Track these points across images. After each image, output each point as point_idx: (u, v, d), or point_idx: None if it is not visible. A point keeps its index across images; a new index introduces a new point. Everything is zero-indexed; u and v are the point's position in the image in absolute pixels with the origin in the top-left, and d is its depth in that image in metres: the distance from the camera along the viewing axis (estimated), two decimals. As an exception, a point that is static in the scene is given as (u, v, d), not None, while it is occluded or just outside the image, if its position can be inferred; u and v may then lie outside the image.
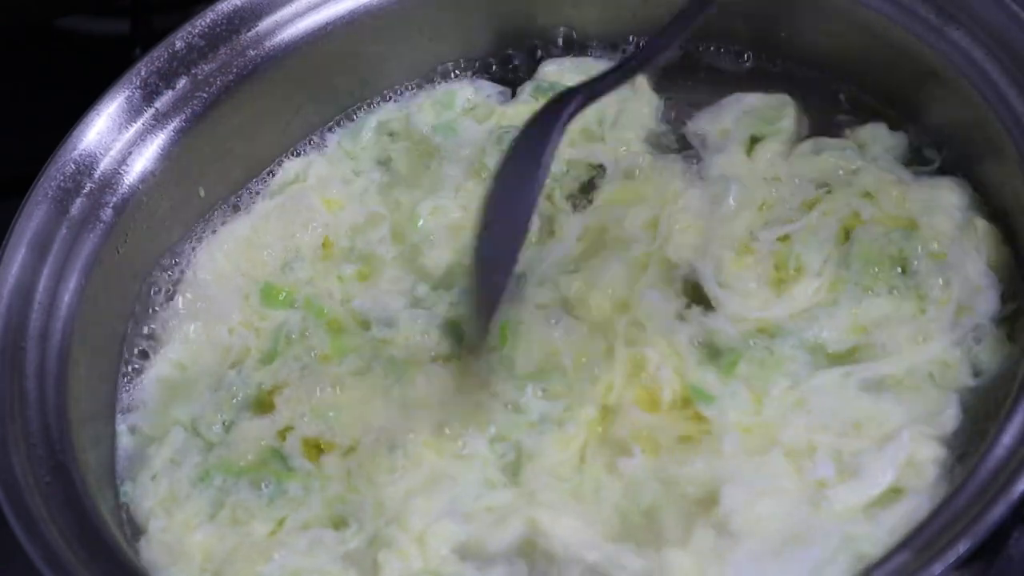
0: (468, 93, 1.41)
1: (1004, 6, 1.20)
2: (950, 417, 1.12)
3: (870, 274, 1.19)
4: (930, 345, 1.15)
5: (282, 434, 1.21)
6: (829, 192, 1.25)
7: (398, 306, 1.28)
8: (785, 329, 1.18)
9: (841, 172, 1.26)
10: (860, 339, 1.17)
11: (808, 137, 1.31)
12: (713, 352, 1.19)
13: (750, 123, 1.32)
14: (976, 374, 1.14)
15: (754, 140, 1.31)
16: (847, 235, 1.22)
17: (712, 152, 1.31)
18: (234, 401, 1.24)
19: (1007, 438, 1.03)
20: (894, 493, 1.09)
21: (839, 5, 1.29)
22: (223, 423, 1.23)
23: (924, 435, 1.11)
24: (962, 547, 0.97)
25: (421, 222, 1.31)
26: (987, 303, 1.16)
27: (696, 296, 1.23)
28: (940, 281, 1.17)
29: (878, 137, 1.28)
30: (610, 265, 1.25)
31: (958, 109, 1.22)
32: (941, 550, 0.97)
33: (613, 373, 1.18)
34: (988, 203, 1.22)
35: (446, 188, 1.34)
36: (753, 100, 1.33)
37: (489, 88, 1.42)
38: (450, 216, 1.32)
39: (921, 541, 1.00)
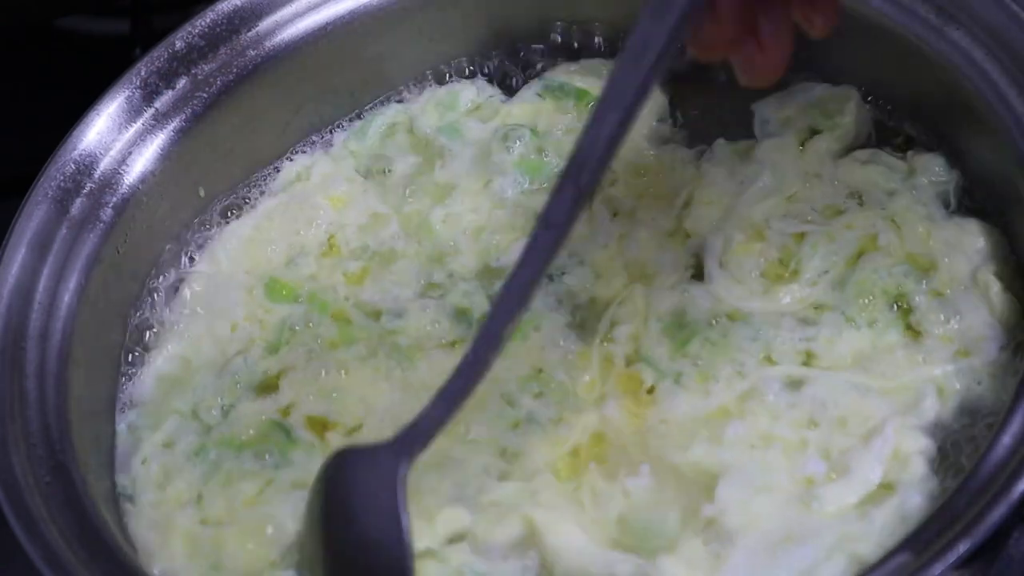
0: (471, 94, 1.41)
1: (1004, 6, 1.20)
2: (930, 407, 1.12)
3: (858, 305, 1.18)
4: (929, 368, 1.14)
5: (285, 411, 1.22)
6: (860, 204, 1.24)
7: (408, 296, 1.28)
8: (750, 322, 1.18)
9: (877, 190, 1.25)
10: (806, 362, 1.17)
11: (870, 147, 1.30)
12: (678, 325, 1.19)
13: (811, 115, 1.31)
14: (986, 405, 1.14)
15: (813, 132, 1.31)
16: (858, 258, 1.21)
17: (765, 137, 1.31)
18: (237, 386, 1.24)
19: (1007, 438, 1.02)
20: (885, 489, 1.09)
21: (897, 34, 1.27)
22: (222, 407, 1.23)
23: (907, 427, 1.10)
24: (962, 547, 0.97)
25: (436, 230, 1.32)
26: (988, 352, 1.15)
27: (700, 270, 1.24)
28: (942, 317, 1.16)
29: (929, 168, 1.25)
30: (637, 233, 1.26)
31: (991, 152, 1.20)
32: (941, 550, 0.97)
33: (592, 367, 1.19)
34: (1016, 251, 1.20)
35: (454, 193, 1.34)
36: (820, 91, 1.33)
37: (491, 89, 1.42)
38: (464, 221, 1.32)
39: (921, 541, 1.00)
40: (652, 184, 1.31)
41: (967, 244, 1.20)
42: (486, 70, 1.43)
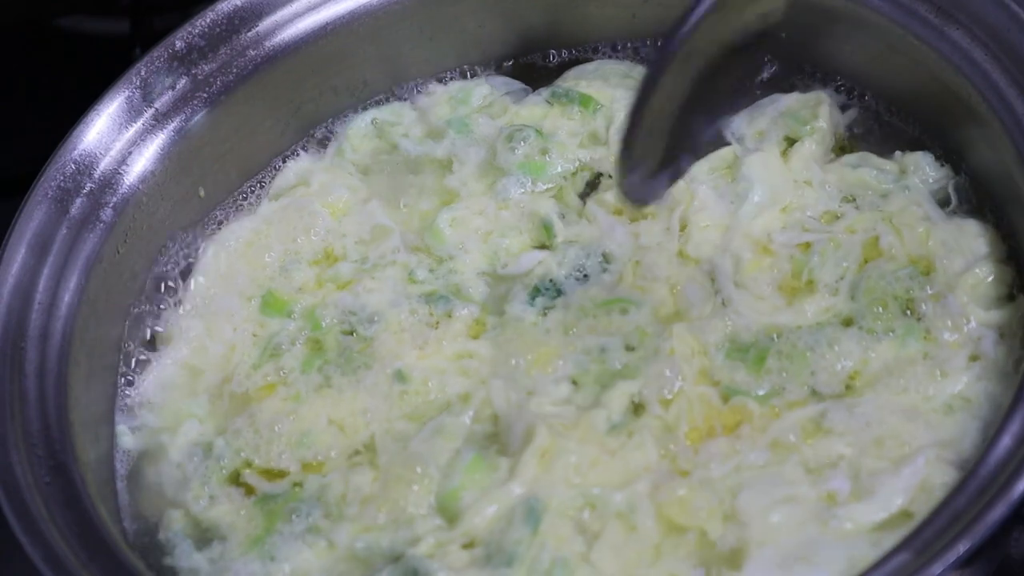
0: (484, 90, 1.41)
1: (1004, 6, 1.20)
2: (971, 443, 1.10)
3: (873, 314, 1.18)
4: (948, 381, 1.14)
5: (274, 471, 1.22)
6: (856, 208, 1.24)
7: (383, 300, 1.28)
8: (803, 331, 1.18)
9: (871, 192, 1.25)
10: (852, 383, 1.16)
11: (857, 151, 1.30)
12: (740, 348, 1.19)
13: (785, 124, 1.31)
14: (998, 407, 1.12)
15: (791, 141, 1.30)
16: (866, 262, 1.21)
17: (747, 152, 1.30)
18: (221, 471, 1.22)
19: (1007, 438, 1.03)
20: (903, 517, 1.08)
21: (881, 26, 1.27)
22: (209, 496, 1.21)
23: (941, 459, 1.09)
24: (962, 547, 0.97)
25: (444, 235, 1.31)
26: (998, 350, 1.15)
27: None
28: (949, 323, 1.16)
29: (920, 166, 1.26)
30: (650, 258, 1.26)
31: (991, 151, 1.20)
32: (941, 550, 0.97)
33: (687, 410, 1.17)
34: (1015, 250, 1.20)
35: (460, 195, 1.34)
36: (790, 100, 1.33)
37: (504, 85, 1.42)
38: (471, 225, 1.32)
39: (921, 541, 1.00)
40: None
41: (965, 245, 1.20)
42: (486, 70, 1.43)
